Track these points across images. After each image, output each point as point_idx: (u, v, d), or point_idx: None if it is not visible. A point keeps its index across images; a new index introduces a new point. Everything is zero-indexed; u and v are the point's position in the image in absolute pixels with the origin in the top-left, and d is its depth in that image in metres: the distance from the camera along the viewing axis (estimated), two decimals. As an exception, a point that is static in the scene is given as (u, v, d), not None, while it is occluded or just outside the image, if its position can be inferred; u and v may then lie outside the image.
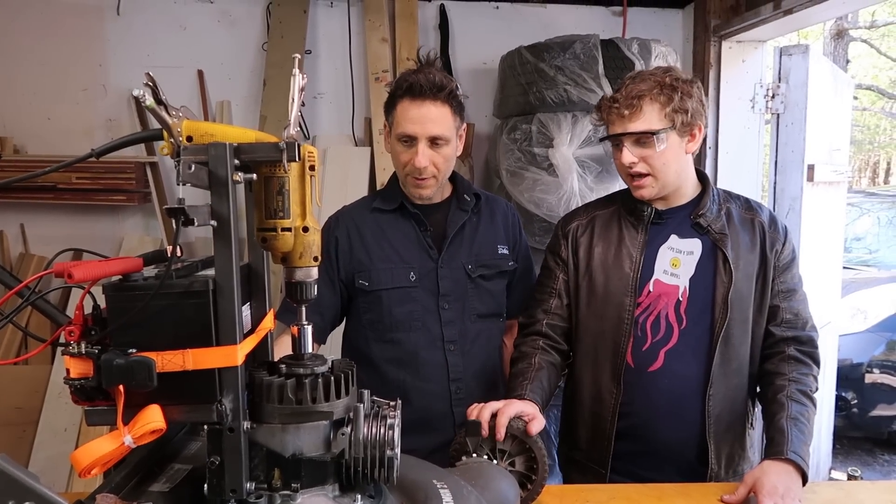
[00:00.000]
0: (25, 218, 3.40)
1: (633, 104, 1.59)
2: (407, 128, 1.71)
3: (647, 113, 1.59)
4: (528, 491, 1.40)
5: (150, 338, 0.92)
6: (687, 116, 1.60)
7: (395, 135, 1.76)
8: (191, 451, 1.16)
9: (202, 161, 0.92)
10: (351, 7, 3.47)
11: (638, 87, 1.60)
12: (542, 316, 1.79)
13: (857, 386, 4.64)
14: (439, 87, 1.69)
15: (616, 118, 1.63)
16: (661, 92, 1.59)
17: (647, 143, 1.61)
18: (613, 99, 1.63)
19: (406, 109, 1.71)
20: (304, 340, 1.06)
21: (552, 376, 1.72)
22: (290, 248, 1.02)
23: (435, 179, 1.77)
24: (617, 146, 1.66)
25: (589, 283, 1.75)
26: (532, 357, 1.73)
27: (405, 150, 1.74)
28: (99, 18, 3.38)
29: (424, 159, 1.71)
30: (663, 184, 1.66)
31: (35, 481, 0.83)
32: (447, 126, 1.72)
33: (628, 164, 1.64)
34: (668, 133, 1.60)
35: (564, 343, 1.79)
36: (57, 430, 3.11)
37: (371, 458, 1.01)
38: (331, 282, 1.80)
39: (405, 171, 1.77)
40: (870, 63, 15.08)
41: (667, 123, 1.60)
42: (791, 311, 1.70)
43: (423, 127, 1.70)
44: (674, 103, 1.59)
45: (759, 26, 3.09)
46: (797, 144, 3.17)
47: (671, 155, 1.63)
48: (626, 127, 1.61)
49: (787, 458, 1.48)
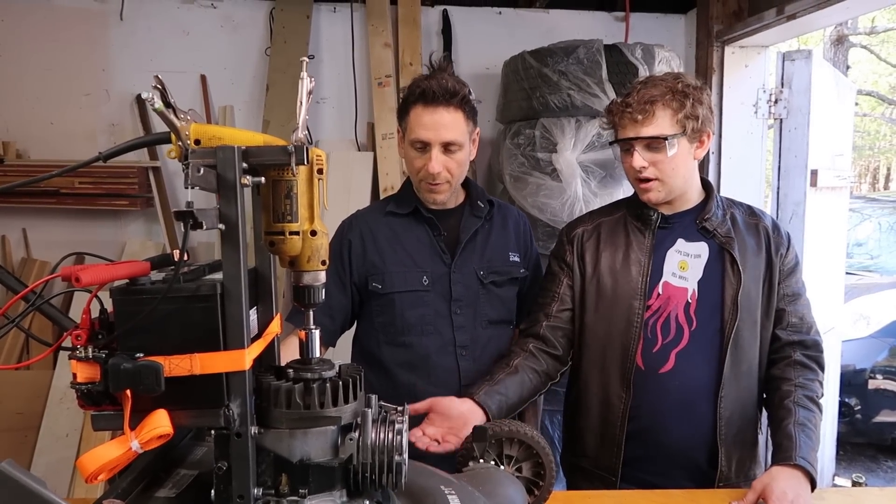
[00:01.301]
0: (28, 223, 3.39)
1: (647, 109, 1.60)
2: (420, 134, 1.71)
3: (660, 118, 1.60)
4: (536, 497, 1.38)
5: (157, 342, 0.92)
6: (697, 123, 1.62)
7: (408, 141, 1.76)
8: (196, 457, 1.15)
9: (210, 164, 0.92)
10: (354, 12, 3.48)
11: (650, 92, 1.61)
12: (544, 319, 1.79)
13: (860, 392, 4.63)
14: (452, 93, 1.69)
15: (628, 122, 1.63)
16: (673, 98, 1.60)
17: (658, 148, 1.62)
18: (626, 103, 1.64)
19: (419, 115, 1.71)
20: (311, 345, 1.06)
21: (526, 382, 1.71)
22: (298, 252, 1.01)
23: (449, 185, 1.77)
24: (627, 150, 1.67)
25: (597, 288, 1.75)
26: (513, 359, 1.73)
27: (419, 156, 1.74)
28: (102, 23, 3.38)
29: (438, 165, 1.71)
30: (670, 188, 1.67)
31: (42, 487, 0.83)
32: (460, 131, 1.72)
33: (638, 169, 1.64)
34: (678, 139, 1.61)
35: (562, 349, 1.78)
36: (58, 435, 3.10)
37: (379, 463, 1.01)
38: (342, 284, 1.79)
39: (419, 176, 1.76)
40: (869, 69, 15.11)
41: (678, 129, 1.61)
42: (796, 314, 1.71)
43: (436, 133, 1.70)
44: (686, 109, 1.60)
45: (762, 31, 3.08)
46: (800, 149, 3.17)
47: (680, 160, 1.64)
48: (638, 131, 1.62)
49: (796, 464, 1.47)
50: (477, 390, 1.63)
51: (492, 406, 1.60)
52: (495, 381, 1.67)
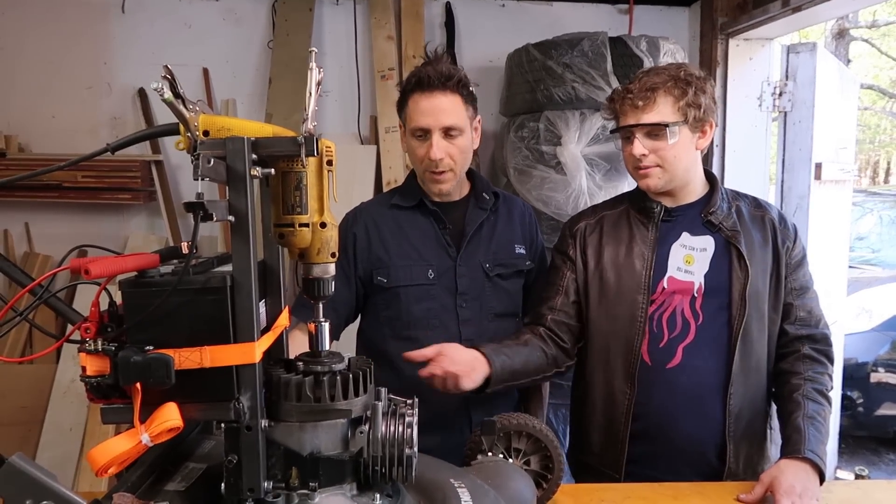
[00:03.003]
0: (30, 217, 3.38)
1: (648, 96, 1.59)
2: (419, 121, 1.70)
3: (661, 105, 1.59)
4: (544, 490, 1.38)
5: (166, 335, 0.91)
6: (699, 112, 1.61)
7: (409, 130, 1.76)
8: (204, 450, 1.15)
9: (220, 155, 0.91)
10: (357, 5, 3.46)
11: (652, 79, 1.60)
12: (548, 312, 1.78)
13: (862, 385, 4.64)
14: (447, 77, 1.69)
15: (629, 109, 1.62)
16: (675, 85, 1.59)
17: (659, 135, 1.61)
18: (627, 90, 1.63)
19: (417, 103, 1.71)
20: (321, 337, 1.05)
21: (533, 357, 1.70)
22: (308, 244, 1.01)
23: (452, 173, 1.76)
24: (627, 138, 1.66)
25: (600, 282, 1.73)
26: (522, 334, 1.74)
27: (420, 145, 1.73)
28: (104, 16, 3.36)
29: (440, 151, 1.70)
30: (671, 176, 1.65)
31: (52, 480, 0.82)
32: (459, 115, 1.72)
33: (639, 156, 1.63)
34: (680, 126, 1.60)
35: (567, 342, 1.77)
36: (62, 429, 3.10)
37: (389, 456, 1.00)
38: (346, 278, 1.78)
39: (423, 166, 1.76)
40: (871, 62, 15.08)
41: (679, 117, 1.60)
42: (804, 308, 1.70)
43: (435, 118, 1.69)
44: (687, 97, 1.59)
45: (767, 24, 3.06)
46: (805, 143, 3.16)
47: (682, 149, 1.62)
48: (639, 118, 1.61)
49: (805, 457, 1.47)
50: (483, 346, 1.64)
51: (496, 362, 1.61)
52: (503, 344, 1.68)
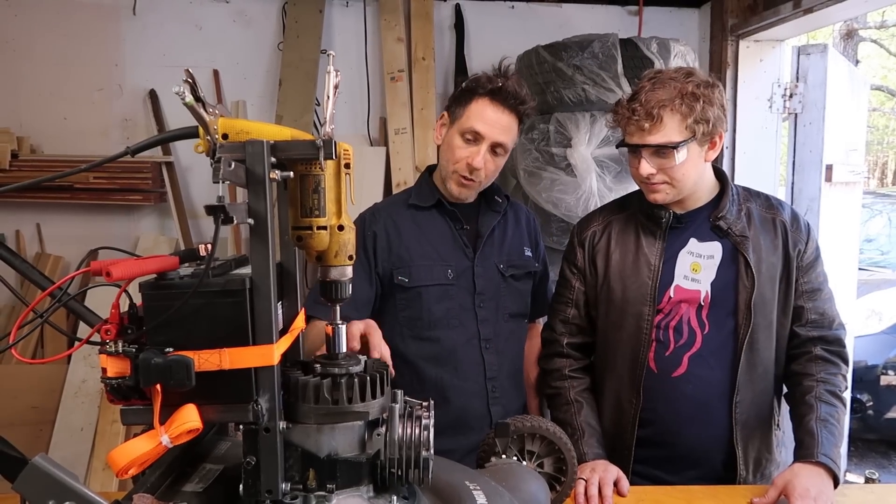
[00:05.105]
0: (42, 217, 3.40)
1: (653, 115, 1.53)
2: (478, 126, 1.71)
3: (668, 125, 1.54)
4: (558, 492, 1.39)
5: (186, 337, 0.92)
6: (708, 126, 1.55)
7: (459, 128, 1.75)
8: (221, 451, 1.15)
9: (239, 158, 0.92)
10: (366, 6, 3.47)
11: (657, 95, 1.53)
12: (562, 329, 1.79)
13: (871, 388, 4.61)
14: (521, 101, 1.73)
15: (635, 129, 1.57)
16: (682, 102, 1.52)
17: (666, 154, 1.56)
18: (632, 109, 1.56)
19: (483, 108, 1.72)
20: (338, 340, 1.06)
21: (590, 403, 1.75)
22: (326, 247, 1.01)
23: (479, 184, 1.79)
24: (634, 154, 1.62)
25: (607, 293, 1.72)
26: (566, 393, 1.75)
27: (465, 146, 1.74)
28: (115, 18, 3.38)
29: (482, 161, 1.72)
30: (679, 191, 1.62)
31: (75, 481, 0.83)
32: (512, 138, 1.76)
33: (646, 176, 1.59)
34: (687, 144, 1.55)
35: (587, 356, 1.80)
36: (73, 429, 3.11)
37: (406, 458, 1.01)
38: (368, 277, 1.79)
39: (456, 166, 1.76)
40: (879, 63, 15.03)
41: (687, 135, 1.54)
42: (816, 310, 1.67)
43: (493, 131, 1.72)
44: (695, 114, 1.53)
45: (778, 25, 3.05)
46: (815, 144, 3.15)
47: (690, 165, 1.58)
48: (644, 139, 1.56)
49: (818, 460, 1.47)
50: (587, 448, 1.65)
51: (603, 452, 1.66)
52: (581, 429, 1.69)
